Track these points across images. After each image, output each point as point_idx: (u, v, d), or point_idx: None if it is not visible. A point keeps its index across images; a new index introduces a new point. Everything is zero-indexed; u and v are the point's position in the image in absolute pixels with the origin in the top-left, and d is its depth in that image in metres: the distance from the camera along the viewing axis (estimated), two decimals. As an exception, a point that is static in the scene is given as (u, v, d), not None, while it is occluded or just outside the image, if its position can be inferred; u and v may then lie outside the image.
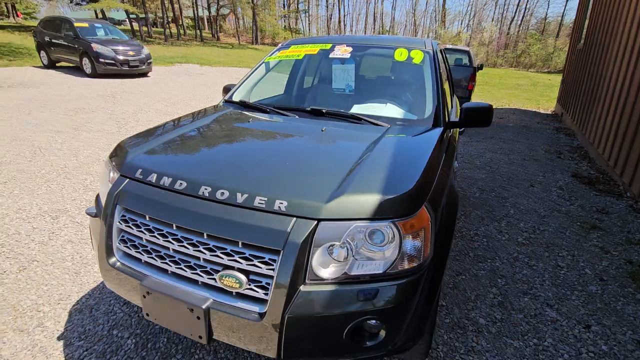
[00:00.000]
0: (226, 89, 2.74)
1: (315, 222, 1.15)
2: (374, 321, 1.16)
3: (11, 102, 6.73)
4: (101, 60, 9.53)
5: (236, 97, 2.49)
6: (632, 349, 1.87)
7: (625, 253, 2.80)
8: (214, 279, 1.22)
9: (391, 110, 2.20)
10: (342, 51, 2.48)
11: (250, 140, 1.83)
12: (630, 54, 4.57)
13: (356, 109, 2.22)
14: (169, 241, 1.29)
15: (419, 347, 1.52)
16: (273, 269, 1.15)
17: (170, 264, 1.30)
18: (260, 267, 1.16)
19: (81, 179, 3.77)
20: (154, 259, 1.33)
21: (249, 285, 1.18)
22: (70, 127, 5.50)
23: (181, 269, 1.28)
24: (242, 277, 1.17)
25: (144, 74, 10.76)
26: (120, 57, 9.80)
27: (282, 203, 1.19)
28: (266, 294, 1.16)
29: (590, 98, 6.11)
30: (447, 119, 2.13)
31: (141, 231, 1.35)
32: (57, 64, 11.30)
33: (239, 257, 1.18)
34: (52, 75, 10.09)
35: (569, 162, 5.33)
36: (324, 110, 2.06)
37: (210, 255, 1.22)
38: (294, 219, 1.16)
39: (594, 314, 2.13)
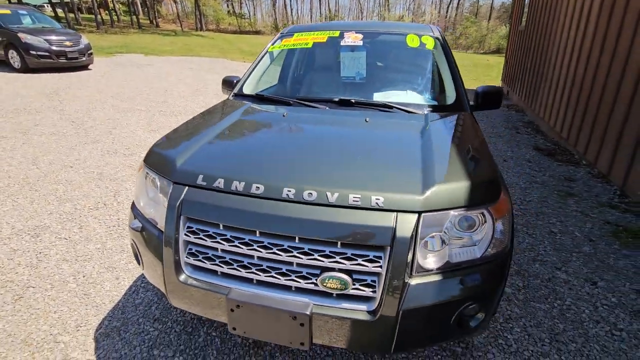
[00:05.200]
0: (227, 82, 2.59)
1: (417, 214, 1.16)
2: (474, 304, 1.21)
3: None
4: (32, 52, 8.37)
5: (247, 90, 2.36)
6: (635, 297, 2.16)
7: (601, 215, 3.17)
8: (313, 282, 1.18)
9: (415, 97, 2.22)
10: (353, 38, 2.44)
11: (303, 136, 1.77)
12: (576, 32, 5.06)
13: (379, 98, 2.20)
14: (253, 249, 1.21)
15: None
16: (380, 266, 1.14)
17: (258, 272, 1.22)
18: (366, 265, 1.14)
19: (52, 190, 3.36)
20: (237, 269, 1.24)
21: (354, 285, 1.16)
22: (17, 131, 4.83)
23: (272, 276, 1.21)
24: (347, 277, 1.15)
25: (84, 67, 9.69)
26: (55, 48, 8.68)
27: (378, 199, 1.17)
28: (373, 292, 1.15)
29: (537, 76, 6.68)
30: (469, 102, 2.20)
31: (216, 241, 1.25)
32: (-27, 59, 9.75)
33: (340, 258, 1.15)
34: (-32, 71, 8.69)
35: (526, 136, 5.82)
36: (352, 100, 2.03)
37: (307, 259, 1.17)
38: (395, 213, 1.15)
39: (595, 271, 2.40)
